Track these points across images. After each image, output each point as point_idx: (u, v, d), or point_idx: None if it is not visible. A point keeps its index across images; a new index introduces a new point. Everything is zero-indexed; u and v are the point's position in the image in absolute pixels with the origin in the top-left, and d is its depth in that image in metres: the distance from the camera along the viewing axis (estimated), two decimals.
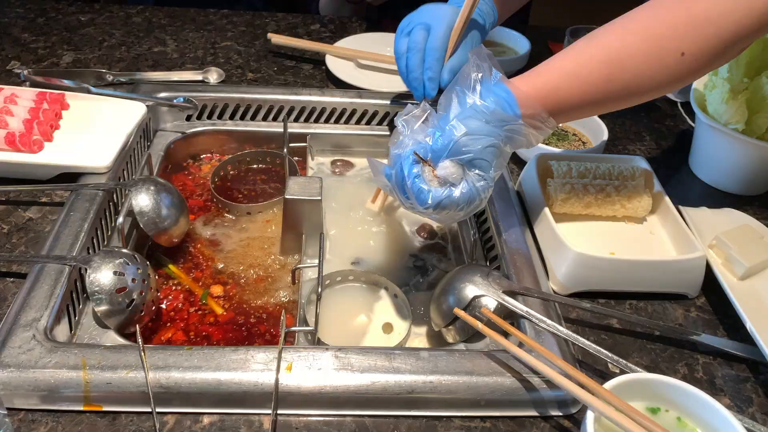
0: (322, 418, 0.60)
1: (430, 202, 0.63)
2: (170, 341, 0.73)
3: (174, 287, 0.80)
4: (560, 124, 1.02)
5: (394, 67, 1.14)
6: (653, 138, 1.07)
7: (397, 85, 1.09)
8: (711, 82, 0.91)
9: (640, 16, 0.66)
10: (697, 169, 0.99)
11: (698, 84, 0.96)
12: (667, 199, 0.84)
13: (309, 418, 0.60)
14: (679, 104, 1.15)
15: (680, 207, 0.85)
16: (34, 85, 0.98)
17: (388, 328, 0.78)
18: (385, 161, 0.71)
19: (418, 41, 0.84)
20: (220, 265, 0.84)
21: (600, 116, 1.00)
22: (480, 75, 0.65)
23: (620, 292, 0.76)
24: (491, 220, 0.82)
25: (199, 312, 0.77)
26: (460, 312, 0.67)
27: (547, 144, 0.95)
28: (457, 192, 0.63)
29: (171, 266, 0.83)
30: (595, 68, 0.65)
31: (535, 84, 0.66)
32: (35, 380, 0.58)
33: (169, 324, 0.75)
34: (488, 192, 0.65)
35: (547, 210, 0.79)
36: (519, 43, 1.22)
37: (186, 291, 0.80)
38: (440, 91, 0.82)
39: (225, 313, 0.78)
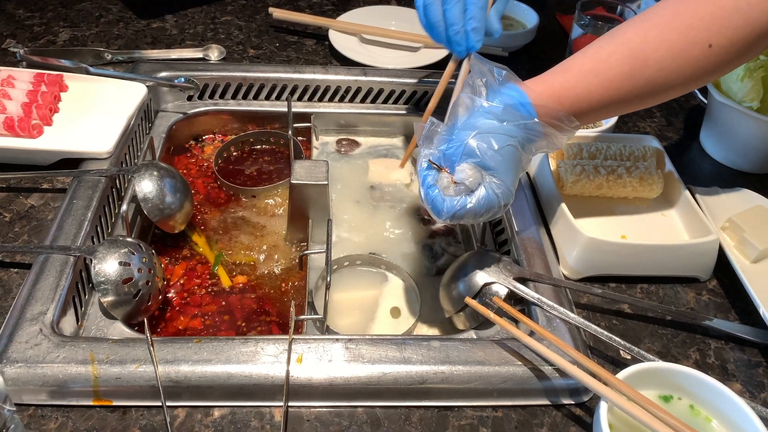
0: (333, 410, 0.60)
1: (444, 213, 0.62)
2: (180, 329, 0.73)
3: (189, 259, 0.81)
4: None
5: (400, 43, 1.13)
6: (664, 114, 1.05)
7: (402, 61, 1.06)
8: None
9: (663, 10, 0.63)
10: (708, 147, 0.97)
11: None
12: (678, 180, 0.82)
13: (320, 410, 0.60)
14: None
15: (692, 187, 0.84)
16: (31, 65, 0.96)
17: (396, 312, 0.77)
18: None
19: None
20: (225, 251, 0.83)
21: None
22: (484, 80, 0.63)
23: (631, 276, 0.76)
24: None
25: (208, 292, 0.78)
26: (471, 301, 0.66)
27: None
28: (473, 200, 0.61)
29: (196, 236, 0.84)
30: (614, 64, 0.62)
31: (551, 84, 0.63)
32: (44, 376, 0.57)
33: (178, 308, 0.75)
34: (509, 199, 0.62)
35: (558, 193, 0.78)
36: (527, 17, 1.18)
37: (196, 266, 0.80)
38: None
39: (232, 285, 0.78)
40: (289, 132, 0.88)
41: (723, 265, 0.75)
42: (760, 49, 0.64)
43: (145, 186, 0.76)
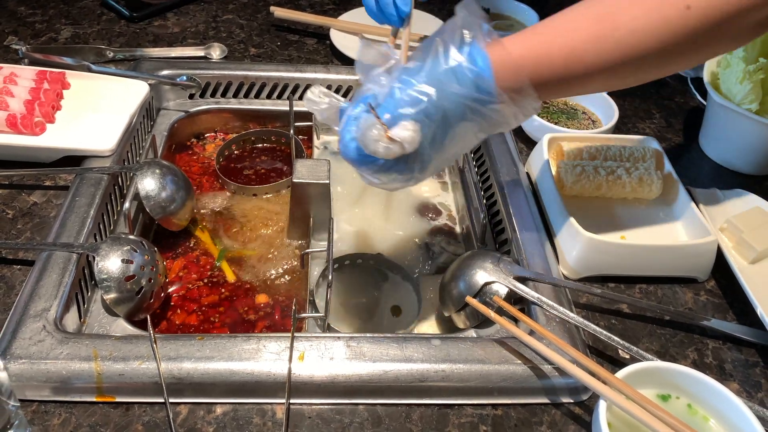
0: (334, 407, 0.60)
1: (352, 158, 0.56)
2: (179, 323, 0.73)
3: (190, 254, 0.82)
4: (568, 101, 1.00)
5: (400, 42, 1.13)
6: (663, 116, 1.05)
7: None
8: (725, 60, 0.89)
9: None
10: (707, 148, 0.97)
11: (711, 62, 0.94)
12: (678, 181, 0.83)
13: (321, 407, 0.60)
14: (689, 80, 1.13)
15: (691, 188, 0.84)
16: (33, 62, 0.96)
17: (396, 311, 0.78)
18: None
19: None
20: (227, 249, 0.83)
21: (609, 94, 0.98)
22: (469, 35, 0.55)
23: (630, 276, 0.76)
24: (500, 203, 0.82)
25: (206, 284, 0.78)
26: (471, 300, 0.67)
27: (556, 123, 0.94)
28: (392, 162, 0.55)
29: (199, 232, 0.85)
30: (582, 25, 0.56)
31: (512, 46, 0.56)
32: (47, 372, 0.57)
33: (177, 304, 0.76)
34: (425, 177, 0.58)
35: (558, 193, 0.78)
36: (527, 17, 1.19)
37: (198, 258, 0.81)
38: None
39: (236, 280, 0.79)
40: (291, 131, 0.89)
41: (721, 266, 0.76)
42: (748, 20, 0.56)
43: (148, 184, 0.76)
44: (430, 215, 0.90)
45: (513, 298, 0.69)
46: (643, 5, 0.56)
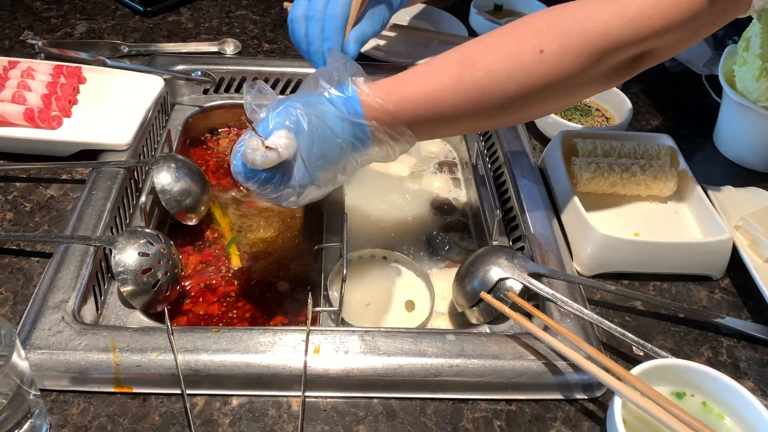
0: (349, 400, 0.61)
1: (240, 173, 0.58)
2: (194, 315, 0.74)
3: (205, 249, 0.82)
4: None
5: (413, 38, 1.14)
6: (677, 112, 1.05)
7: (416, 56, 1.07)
8: (741, 57, 0.89)
9: (507, 24, 0.62)
10: (721, 145, 0.97)
11: (727, 58, 0.94)
12: (692, 178, 0.83)
13: (336, 400, 0.61)
14: (703, 77, 1.12)
15: (705, 186, 0.84)
16: (49, 57, 0.97)
17: (410, 306, 0.78)
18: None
19: (317, 8, 0.74)
20: (240, 243, 0.83)
21: (623, 90, 0.98)
22: (337, 73, 0.61)
23: (644, 273, 0.76)
24: (514, 199, 0.82)
25: (222, 277, 0.79)
26: (486, 296, 0.67)
27: (570, 120, 0.94)
28: (273, 174, 0.57)
29: (217, 213, 0.86)
30: (446, 66, 0.61)
31: (383, 84, 0.61)
32: (66, 362, 0.58)
33: (194, 296, 0.77)
34: (303, 192, 0.59)
35: (572, 190, 0.78)
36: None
37: (215, 254, 0.82)
38: None
39: (242, 266, 0.80)
40: None
41: (736, 264, 0.76)
42: (606, 65, 0.60)
43: (163, 178, 0.77)
44: (443, 211, 0.90)
45: (527, 294, 0.69)
46: (501, 50, 0.60)
